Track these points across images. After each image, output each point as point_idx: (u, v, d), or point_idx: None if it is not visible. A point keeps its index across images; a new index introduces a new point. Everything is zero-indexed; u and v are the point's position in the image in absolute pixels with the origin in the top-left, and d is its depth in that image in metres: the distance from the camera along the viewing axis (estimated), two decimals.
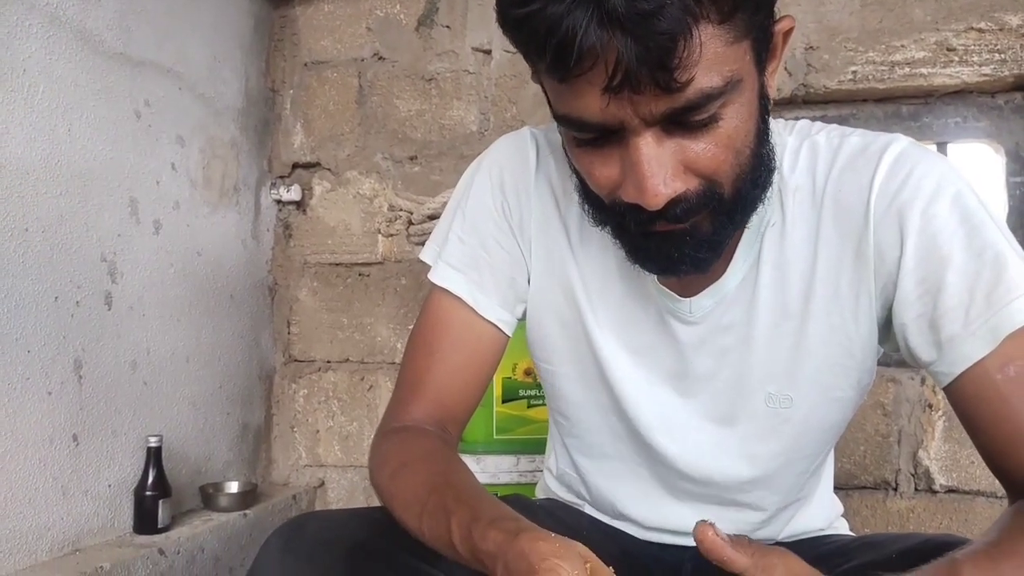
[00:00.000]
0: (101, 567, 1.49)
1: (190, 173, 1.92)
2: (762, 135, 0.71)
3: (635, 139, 0.64)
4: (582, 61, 0.59)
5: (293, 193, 2.20)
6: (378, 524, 0.76)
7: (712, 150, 0.65)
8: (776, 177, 0.77)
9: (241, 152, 2.11)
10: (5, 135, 1.44)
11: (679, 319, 0.83)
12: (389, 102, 2.16)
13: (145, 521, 1.67)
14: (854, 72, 1.83)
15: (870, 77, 1.82)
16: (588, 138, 0.67)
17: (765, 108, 0.70)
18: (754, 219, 0.77)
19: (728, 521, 0.89)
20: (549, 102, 0.70)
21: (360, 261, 2.19)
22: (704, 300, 0.81)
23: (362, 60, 2.19)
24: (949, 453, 1.77)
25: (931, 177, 0.74)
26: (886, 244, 0.75)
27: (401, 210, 2.05)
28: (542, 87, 0.71)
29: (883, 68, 1.82)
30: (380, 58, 2.17)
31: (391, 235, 2.13)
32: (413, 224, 1.89)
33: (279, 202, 2.24)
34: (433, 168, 2.13)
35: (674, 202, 0.66)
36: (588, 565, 0.55)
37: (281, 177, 2.24)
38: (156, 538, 1.65)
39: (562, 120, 0.67)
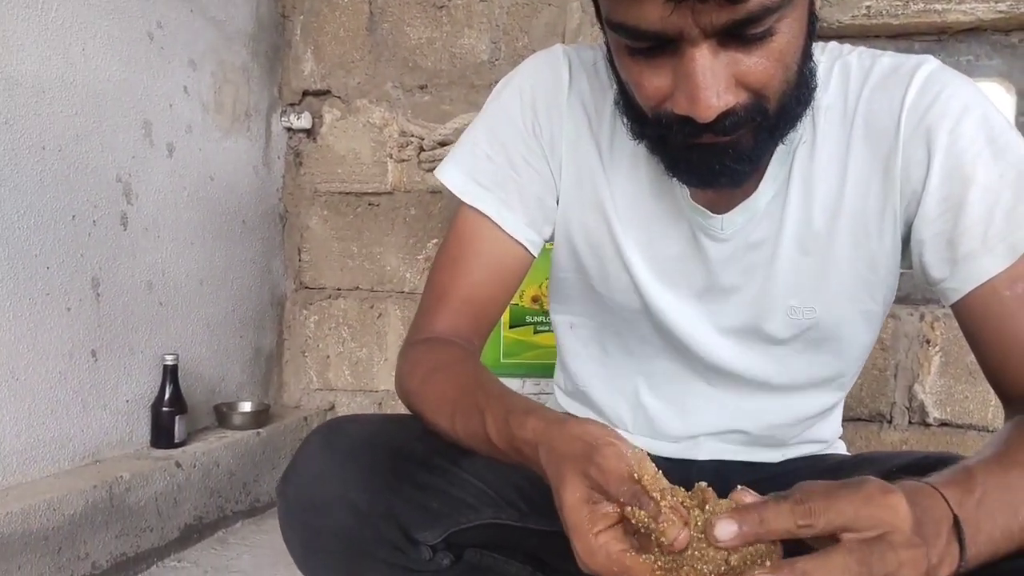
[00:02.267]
0: (120, 476, 1.55)
1: (202, 97, 1.93)
2: (807, 53, 0.72)
3: (691, 50, 0.64)
4: None
5: (304, 121, 2.21)
6: (413, 428, 0.79)
7: (763, 64, 0.66)
8: None
9: (252, 78, 2.12)
10: (20, 52, 1.45)
11: (710, 236, 0.84)
12: (400, 29, 2.16)
13: (162, 435, 1.73)
14: (868, 7, 1.81)
15: (884, 12, 1.81)
16: (642, 47, 0.67)
17: (812, 25, 0.71)
18: (790, 134, 0.77)
19: (746, 412, 0.91)
20: (598, 10, 0.70)
21: (370, 191, 2.21)
22: (736, 216, 0.82)
23: None
24: (944, 388, 1.81)
25: (960, 98, 0.76)
26: (914, 162, 0.77)
27: (412, 136, 2.05)
28: None
29: (897, 3, 1.80)
30: None
31: (402, 160, 2.15)
32: (424, 150, 1.91)
33: (290, 129, 2.25)
34: (443, 97, 2.13)
35: (723, 115, 0.66)
36: (635, 450, 0.57)
37: (292, 104, 2.25)
38: (173, 452, 1.72)
39: (617, 28, 0.66)
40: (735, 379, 0.89)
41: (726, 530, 0.49)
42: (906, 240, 0.81)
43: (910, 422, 1.84)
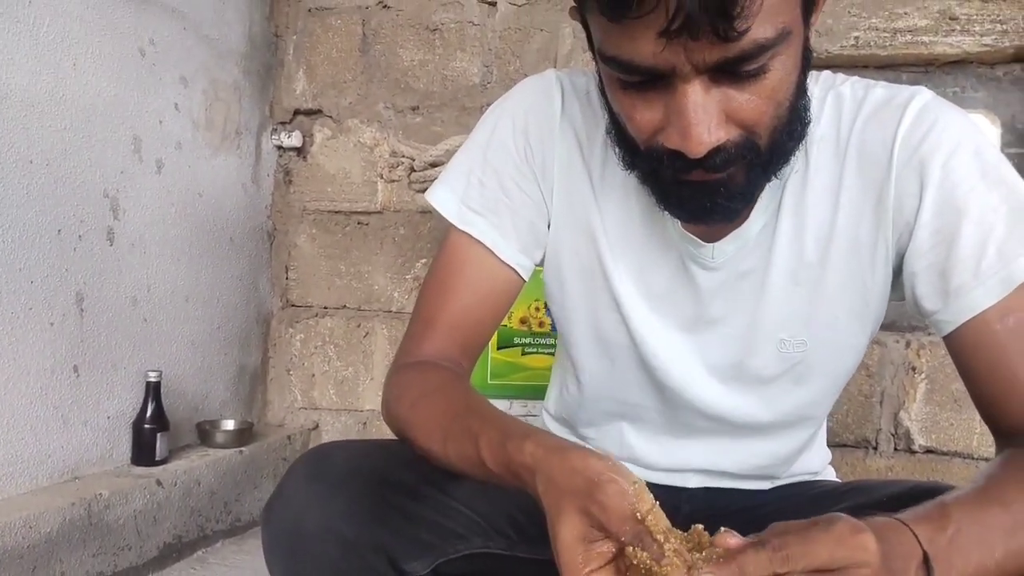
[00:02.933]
0: (100, 494, 1.53)
1: (192, 114, 1.93)
2: (801, 88, 0.72)
3: (684, 86, 0.64)
4: (643, 3, 0.59)
5: (294, 139, 2.21)
6: (400, 455, 0.78)
7: (755, 101, 0.66)
8: None
9: (243, 96, 2.12)
10: (10, 65, 1.44)
11: (700, 264, 0.83)
12: (392, 51, 2.16)
13: (143, 453, 1.70)
14: (856, 38, 1.84)
15: (872, 43, 1.83)
16: (634, 81, 0.67)
17: (807, 60, 0.71)
18: (783, 168, 0.77)
19: (733, 455, 0.91)
20: (591, 42, 0.70)
21: (359, 210, 2.20)
22: (726, 246, 0.82)
23: (366, 8, 2.18)
24: (929, 415, 1.82)
25: (953, 130, 0.76)
26: (906, 194, 0.77)
27: (403, 156, 2.06)
28: (584, 25, 0.70)
29: (885, 35, 1.83)
30: (385, 6, 2.17)
31: (392, 181, 2.15)
32: (415, 171, 1.91)
33: (280, 148, 2.24)
34: (435, 119, 2.14)
35: (714, 151, 0.66)
36: (635, 484, 0.57)
37: (282, 123, 2.25)
38: (154, 470, 1.70)
39: (610, 61, 0.66)
40: (722, 422, 0.89)
41: None
42: (897, 271, 0.81)
43: (895, 449, 1.84)
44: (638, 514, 0.54)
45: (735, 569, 0.49)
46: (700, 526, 0.55)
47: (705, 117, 0.65)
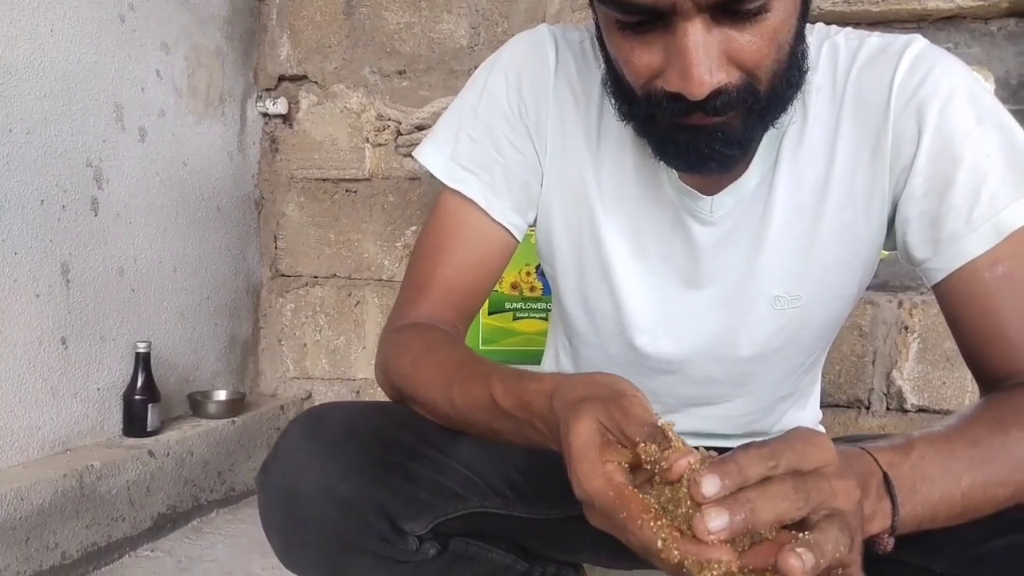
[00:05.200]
0: (91, 465, 1.52)
1: (175, 81, 1.89)
2: (800, 34, 0.71)
3: (684, 24, 0.63)
4: None
5: (279, 106, 2.18)
6: (398, 415, 0.77)
7: (757, 43, 0.65)
8: None
9: (226, 62, 2.08)
10: None
11: (698, 219, 0.82)
12: (378, 14, 2.12)
13: (134, 424, 1.69)
14: None
15: None
16: (632, 22, 0.65)
17: (807, 5, 0.70)
18: (780, 117, 0.76)
19: (721, 418, 0.91)
20: None
21: (347, 177, 2.18)
22: (725, 198, 0.81)
23: None
24: (922, 374, 1.82)
25: (949, 77, 0.76)
26: (904, 140, 0.76)
27: (389, 119, 2.03)
28: None
29: None
30: None
31: (379, 145, 2.12)
32: (401, 135, 1.88)
33: (265, 115, 2.21)
34: (422, 83, 2.10)
35: (714, 94, 0.65)
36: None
37: (267, 89, 2.21)
38: (146, 440, 1.68)
39: (608, 2, 0.65)
40: (709, 386, 0.89)
41: (712, 485, 0.48)
42: (891, 219, 0.80)
43: (888, 408, 1.85)
44: (659, 422, 0.54)
45: (732, 467, 0.49)
46: (703, 448, 0.55)
47: (706, 57, 0.63)
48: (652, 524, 0.50)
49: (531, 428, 0.64)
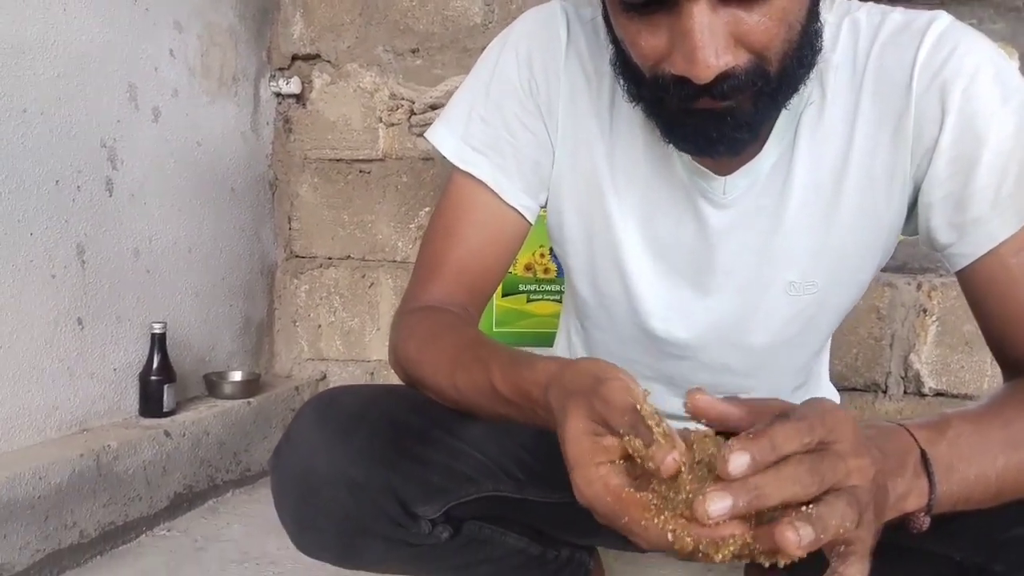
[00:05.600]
0: (108, 445, 1.53)
1: (188, 61, 1.88)
2: (813, 12, 0.68)
3: (689, 5, 0.61)
4: None
5: (292, 86, 2.17)
6: (410, 399, 0.77)
7: (765, 23, 0.63)
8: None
9: (239, 41, 2.07)
10: None
11: (711, 201, 0.80)
12: None
13: (150, 405, 1.70)
14: None
15: None
16: (637, 3, 0.64)
17: None
18: (793, 99, 0.74)
19: None
20: None
21: (361, 157, 2.17)
22: (739, 180, 0.79)
23: None
24: (940, 357, 1.80)
25: (973, 55, 0.73)
26: (926, 120, 0.74)
27: (403, 99, 2.01)
28: None
29: None
30: None
31: (392, 124, 2.11)
32: (415, 114, 1.86)
33: (278, 95, 2.20)
34: (435, 62, 2.09)
35: (722, 77, 0.63)
36: (646, 390, 0.56)
37: (280, 69, 2.20)
38: (162, 421, 1.69)
39: None
40: (724, 373, 0.87)
41: (739, 462, 0.47)
42: (912, 203, 0.79)
43: (905, 392, 1.83)
44: (636, 405, 0.53)
45: (766, 444, 0.48)
46: (697, 427, 0.55)
47: (712, 40, 0.61)
48: (656, 520, 0.50)
49: (532, 414, 0.64)
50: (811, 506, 0.48)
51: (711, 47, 0.62)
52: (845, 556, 0.48)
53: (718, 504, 0.46)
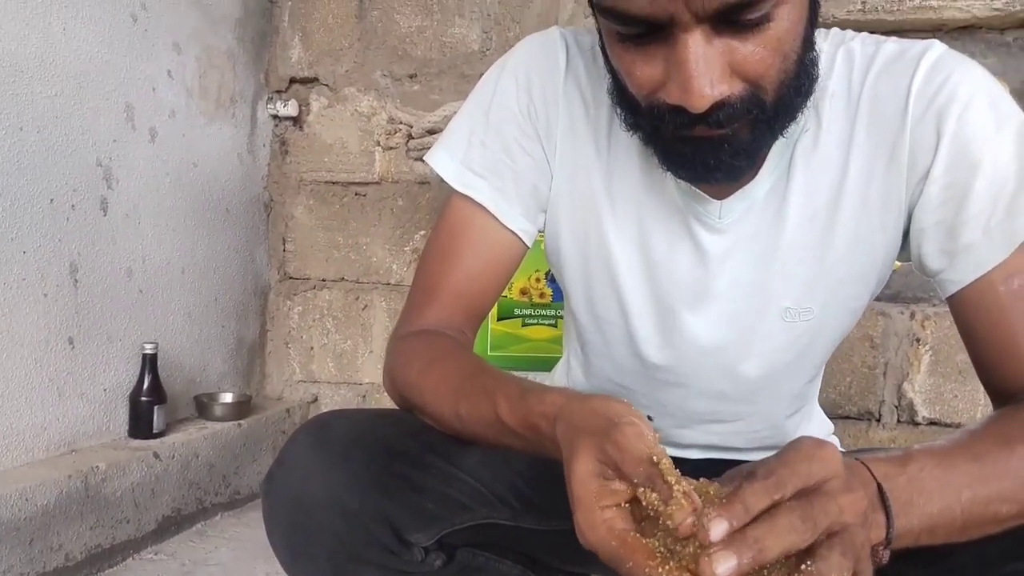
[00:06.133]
0: (96, 467, 1.52)
1: (186, 82, 1.89)
2: (808, 41, 0.69)
3: (683, 36, 0.61)
4: None
5: (290, 108, 2.17)
6: (404, 424, 0.76)
7: (760, 53, 0.63)
8: None
9: (238, 63, 2.08)
10: None
11: (706, 225, 0.80)
12: (390, 17, 2.12)
13: (140, 426, 1.69)
14: (863, 2, 1.80)
15: (879, 8, 1.80)
16: (632, 34, 0.64)
17: (814, 13, 0.68)
18: (790, 126, 0.74)
19: (736, 435, 0.89)
20: None
21: (357, 180, 2.17)
22: (734, 204, 0.79)
23: None
24: (933, 386, 1.80)
25: (968, 83, 0.73)
26: (921, 148, 0.75)
27: (401, 123, 2.02)
28: None
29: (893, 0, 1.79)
30: None
31: (390, 148, 2.11)
32: (413, 138, 1.87)
33: (276, 117, 2.21)
34: (433, 87, 2.10)
35: (717, 106, 0.63)
36: (654, 433, 0.56)
37: (278, 91, 2.21)
38: (151, 442, 1.68)
39: (606, 13, 0.64)
40: (720, 401, 0.87)
41: (720, 531, 0.48)
42: (906, 231, 0.79)
43: (899, 421, 1.83)
44: (653, 457, 0.53)
45: (740, 508, 0.49)
46: (704, 480, 0.55)
47: (707, 69, 0.62)
48: (660, 570, 0.50)
49: (540, 446, 0.64)
50: (809, 564, 0.48)
51: (706, 77, 0.62)
52: None
53: (724, 565, 0.47)
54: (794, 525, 0.48)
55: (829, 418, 1.02)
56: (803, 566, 0.48)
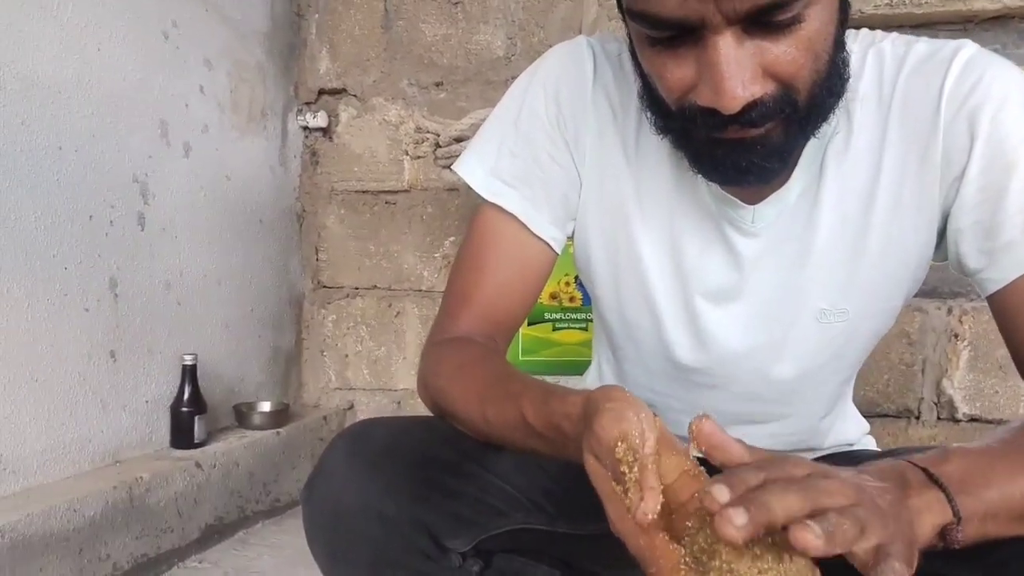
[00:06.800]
0: (140, 477, 1.55)
1: (218, 96, 1.92)
2: (839, 42, 0.69)
3: (714, 38, 0.61)
4: None
5: (320, 119, 2.20)
6: (439, 431, 0.77)
7: (792, 53, 0.63)
8: None
9: (268, 77, 2.11)
10: (36, 51, 1.44)
11: (740, 230, 0.80)
12: (415, 27, 2.14)
13: (182, 436, 1.72)
14: None
15: (908, 1, 1.78)
16: (663, 37, 0.64)
17: (844, 13, 0.68)
18: (822, 127, 0.74)
19: (771, 436, 0.89)
20: (619, 1, 0.68)
21: (386, 189, 2.19)
22: (767, 209, 0.79)
23: None
24: (973, 382, 1.78)
25: (1001, 82, 0.73)
26: (955, 149, 0.74)
27: (428, 132, 2.04)
28: None
29: None
30: None
31: (418, 157, 2.13)
32: (440, 147, 1.89)
33: (306, 128, 2.24)
34: (459, 94, 2.11)
35: (750, 106, 0.64)
36: (657, 418, 0.55)
37: (307, 103, 2.24)
38: (193, 452, 1.71)
39: (637, 17, 0.64)
40: (755, 403, 0.87)
41: (723, 493, 0.47)
42: (942, 231, 0.78)
43: (939, 418, 1.80)
44: (618, 445, 0.52)
45: (735, 478, 0.49)
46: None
47: (738, 70, 0.62)
48: None
49: (563, 447, 0.64)
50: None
51: (738, 78, 0.62)
52: (884, 557, 0.48)
53: (739, 518, 0.46)
54: (786, 488, 0.48)
55: (867, 417, 1.01)
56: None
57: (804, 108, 0.67)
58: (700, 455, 0.55)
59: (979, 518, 0.57)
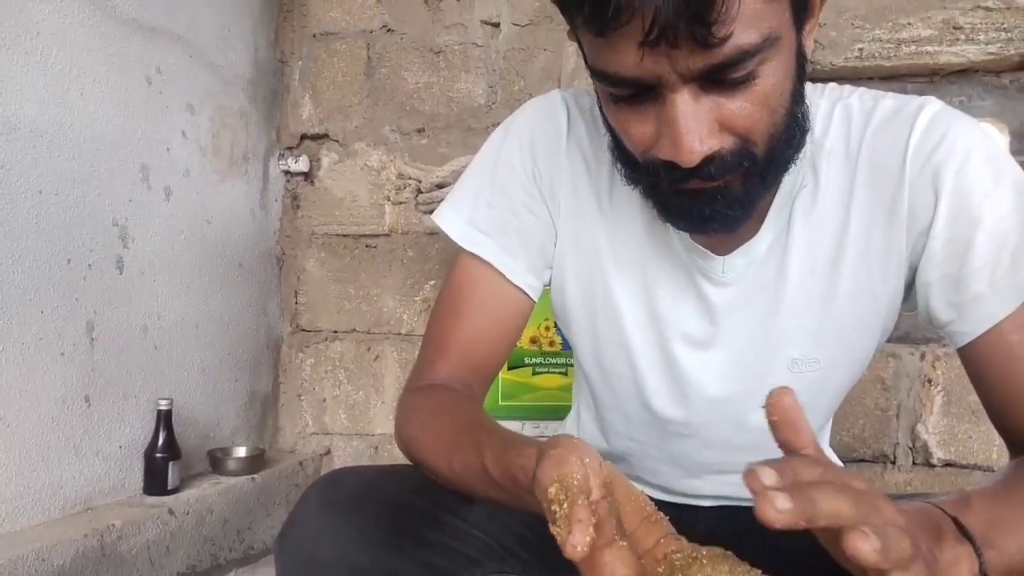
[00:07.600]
0: (112, 525, 1.52)
1: (200, 141, 1.94)
2: (797, 95, 0.71)
3: (671, 95, 0.64)
4: (619, 14, 0.59)
5: (301, 164, 2.22)
6: (412, 480, 0.77)
7: (748, 108, 0.65)
8: (808, 140, 0.77)
9: (250, 122, 2.13)
10: (19, 96, 1.45)
11: (711, 279, 0.82)
12: (397, 74, 2.17)
13: (155, 482, 1.70)
14: (860, 49, 1.83)
15: (876, 55, 1.83)
16: (624, 94, 0.66)
17: (802, 68, 0.70)
18: (786, 181, 0.76)
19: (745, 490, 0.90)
20: (585, 58, 0.70)
21: (367, 232, 2.21)
22: (736, 259, 0.81)
23: (371, 32, 2.20)
24: (947, 427, 1.79)
25: (964, 139, 0.75)
26: (920, 204, 0.76)
27: (410, 178, 2.06)
28: (578, 43, 0.71)
29: (889, 46, 1.82)
30: (389, 30, 2.18)
31: (399, 203, 2.15)
32: (422, 192, 1.91)
33: (287, 173, 2.25)
34: (440, 141, 2.14)
35: (708, 160, 0.66)
36: (608, 464, 0.54)
37: (289, 148, 2.26)
38: (166, 499, 1.68)
39: (598, 76, 0.67)
40: (730, 451, 0.87)
41: (770, 477, 0.45)
42: (910, 283, 0.80)
43: (914, 463, 1.82)
44: (550, 489, 0.51)
45: (787, 467, 0.47)
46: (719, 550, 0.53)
47: (695, 126, 0.64)
48: None
49: (520, 499, 0.63)
50: None
51: (695, 133, 0.64)
52: None
53: (783, 503, 0.43)
54: (840, 489, 0.46)
55: (844, 461, 1.02)
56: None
57: (763, 160, 0.69)
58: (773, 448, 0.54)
59: (1003, 567, 0.58)
